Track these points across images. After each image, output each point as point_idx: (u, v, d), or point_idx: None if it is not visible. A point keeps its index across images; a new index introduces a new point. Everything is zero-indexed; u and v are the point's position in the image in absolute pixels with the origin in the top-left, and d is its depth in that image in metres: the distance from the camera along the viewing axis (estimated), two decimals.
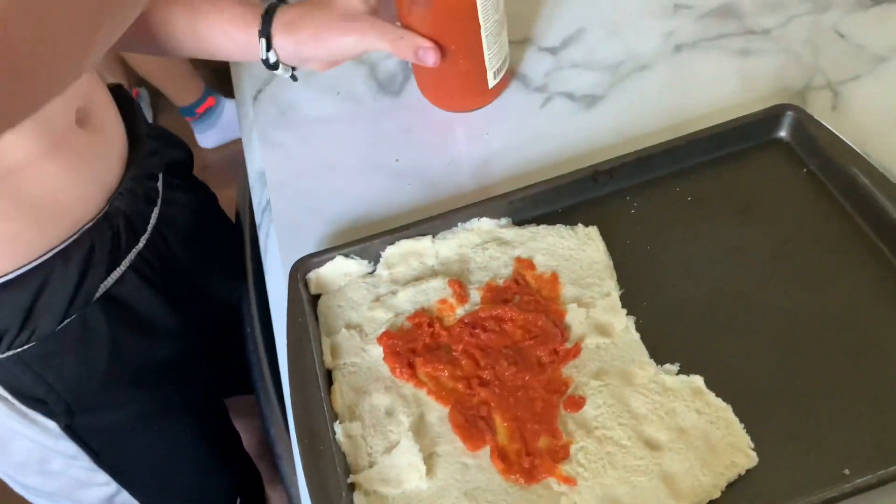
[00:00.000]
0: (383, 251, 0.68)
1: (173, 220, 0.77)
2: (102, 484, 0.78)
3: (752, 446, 0.53)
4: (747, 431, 0.54)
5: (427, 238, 0.68)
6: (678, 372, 0.58)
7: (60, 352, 0.67)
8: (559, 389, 0.58)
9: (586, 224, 0.67)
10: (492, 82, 0.78)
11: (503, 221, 0.69)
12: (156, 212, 0.75)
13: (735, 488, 0.52)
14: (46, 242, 0.63)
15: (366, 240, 0.68)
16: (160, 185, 0.76)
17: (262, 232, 0.79)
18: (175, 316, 0.77)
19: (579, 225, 0.67)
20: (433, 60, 0.70)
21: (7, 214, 0.60)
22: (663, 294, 0.62)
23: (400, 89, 0.86)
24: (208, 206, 0.92)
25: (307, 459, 0.56)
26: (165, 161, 0.79)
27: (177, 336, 0.78)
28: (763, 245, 0.64)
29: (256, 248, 0.83)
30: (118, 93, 0.76)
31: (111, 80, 0.77)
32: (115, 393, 0.74)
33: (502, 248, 0.67)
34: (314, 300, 0.67)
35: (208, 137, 2.25)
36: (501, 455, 0.55)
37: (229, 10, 0.71)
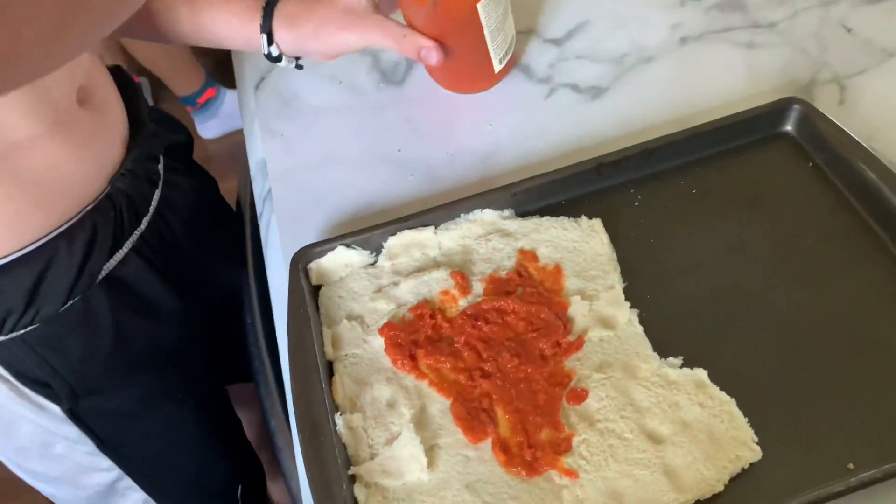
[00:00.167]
0: (385, 242, 0.67)
1: (174, 204, 0.77)
2: (105, 469, 0.78)
3: (756, 440, 0.53)
4: (751, 425, 0.54)
5: (429, 229, 0.68)
6: (682, 365, 0.57)
7: (64, 334, 0.67)
8: (562, 382, 0.57)
9: (590, 216, 0.67)
10: (497, 67, 0.78)
11: (506, 213, 0.69)
12: (157, 194, 0.74)
13: (738, 482, 0.52)
14: (49, 223, 0.63)
15: (368, 230, 0.67)
16: (161, 168, 0.76)
17: (264, 221, 0.78)
18: (176, 299, 0.77)
19: (583, 217, 0.67)
20: (436, 60, 0.71)
21: (10, 194, 0.60)
22: (667, 287, 0.62)
23: (403, 79, 0.86)
24: (209, 192, 0.91)
25: (308, 451, 0.55)
26: (166, 144, 0.78)
27: (178, 320, 0.78)
28: (768, 239, 0.64)
29: (257, 238, 0.83)
30: (119, 74, 0.76)
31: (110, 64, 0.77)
32: (119, 377, 0.74)
33: (505, 240, 0.66)
34: (315, 291, 0.66)
35: (209, 128, 2.24)
36: (503, 447, 0.55)
37: (232, 3, 0.71)
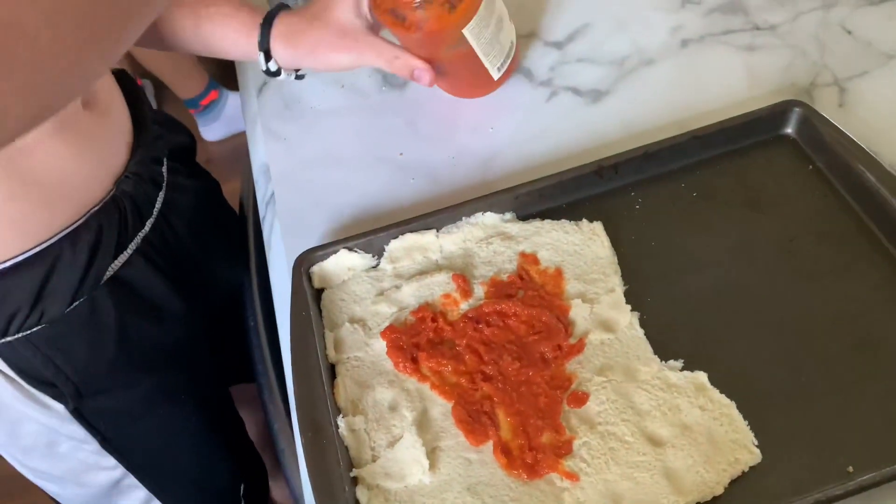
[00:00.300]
0: (387, 245, 0.68)
1: (178, 206, 0.78)
2: (109, 468, 0.78)
3: (756, 443, 0.53)
4: (751, 428, 0.54)
5: (431, 232, 0.68)
6: (682, 368, 0.58)
7: (69, 334, 0.68)
8: (563, 385, 0.58)
9: (591, 219, 0.67)
10: (496, 76, 0.78)
11: (507, 216, 0.69)
12: (161, 196, 0.75)
13: (738, 485, 0.52)
14: (55, 225, 0.64)
15: (370, 233, 0.68)
16: (165, 170, 0.76)
17: (266, 224, 0.79)
18: (179, 300, 0.77)
19: (584, 220, 0.67)
20: (428, 81, 0.71)
21: (15, 195, 0.60)
22: (668, 290, 0.62)
23: (405, 83, 0.86)
24: (212, 194, 0.92)
25: (310, 453, 0.56)
26: (170, 146, 0.79)
27: (181, 321, 0.78)
28: (768, 241, 0.64)
29: (259, 241, 0.83)
30: (122, 78, 0.76)
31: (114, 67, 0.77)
32: (123, 377, 0.74)
33: (506, 243, 0.67)
34: (318, 294, 0.67)
35: (212, 130, 2.25)
36: (504, 450, 0.55)
37: (233, 17, 0.73)
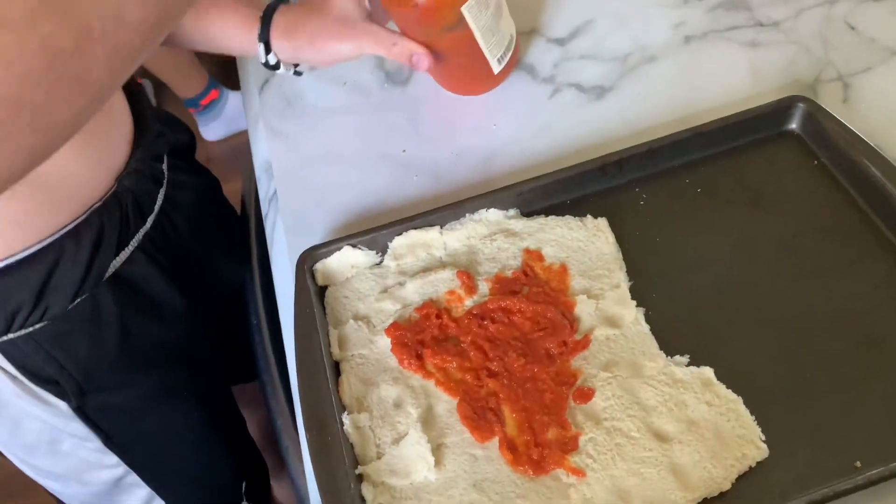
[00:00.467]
0: (391, 242, 0.68)
1: (179, 203, 0.78)
2: (111, 466, 0.78)
3: (763, 438, 0.53)
4: (758, 423, 0.54)
5: (435, 229, 0.68)
6: (688, 364, 0.57)
7: (72, 332, 0.68)
8: (568, 381, 0.58)
9: (595, 216, 0.67)
10: (497, 68, 0.77)
11: (511, 212, 0.69)
12: (162, 193, 0.75)
13: (745, 480, 0.52)
14: (57, 222, 0.63)
15: (373, 230, 0.67)
16: (166, 168, 0.76)
17: (269, 222, 0.79)
18: (181, 298, 0.77)
19: (588, 216, 0.67)
20: (426, 66, 0.72)
21: (17, 193, 0.60)
22: (673, 286, 0.62)
23: (407, 80, 0.86)
24: (213, 192, 0.92)
25: (315, 450, 0.55)
26: (171, 144, 0.79)
27: (183, 319, 0.78)
28: (773, 237, 0.64)
29: (260, 239, 0.83)
30: None
31: None
32: (125, 374, 0.74)
33: (510, 240, 0.66)
34: (321, 291, 0.67)
35: (212, 130, 2.24)
36: (510, 446, 0.55)
37: (234, 11, 0.74)
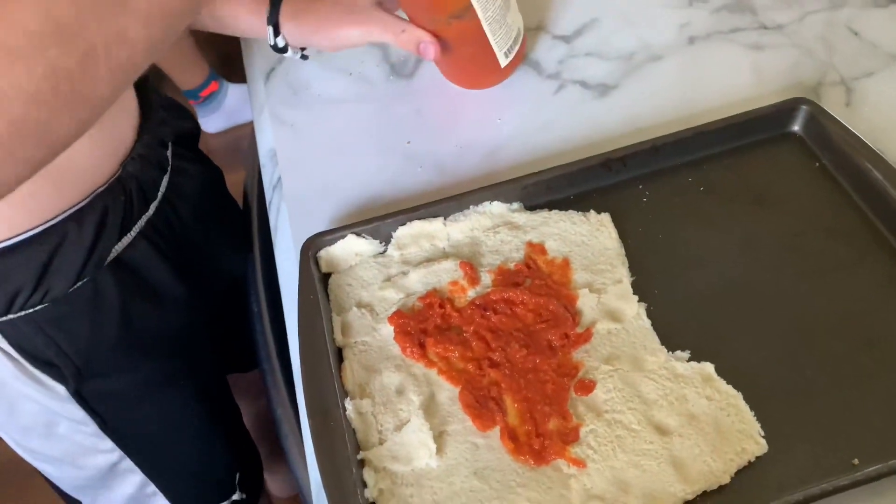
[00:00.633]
0: (394, 232, 0.68)
1: (182, 190, 0.78)
2: (106, 451, 0.78)
3: (762, 434, 0.53)
4: (757, 419, 0.54)
5: (439, 220, 0.68)
6: (689, 359, 0.58)
7: (72, 315, 0.67)
8: (570, 373, 0.58)
9: (598, 211, 0.67)
10: (504, 62, 0.77)
11: (515, 206, 0.69)
12: (166, 179, 0.75)
13: (744, 475, 0.52)
14: (61, 204, 0.63)
15: (377, 219, 0.68)
16: (170, 154, 0.76)
17: (273, 209, 0.79)
18: (182, 285, 0.77)
19: (591, 211, 0.67)
20: (433, 54, 0.72)
21: None
22: (675, 282, 0.63)
23: (412, 72, 0.86)
24: (216, 181, 0.92)
25: (318, 435, 0.55)
26: (175, 131, 0.79)
27: (183, 306, 0.78)
28: (774, 236, 0.64)
29: (263, 228, 0.83)
30: None
31: None
32: (124, 360, 0.74)
33: (514, 233, 0.67)
34: (325, 279, 0.67)
35: (211, 122, 2.24)
36: (511, 436, 0.55)
37: None
